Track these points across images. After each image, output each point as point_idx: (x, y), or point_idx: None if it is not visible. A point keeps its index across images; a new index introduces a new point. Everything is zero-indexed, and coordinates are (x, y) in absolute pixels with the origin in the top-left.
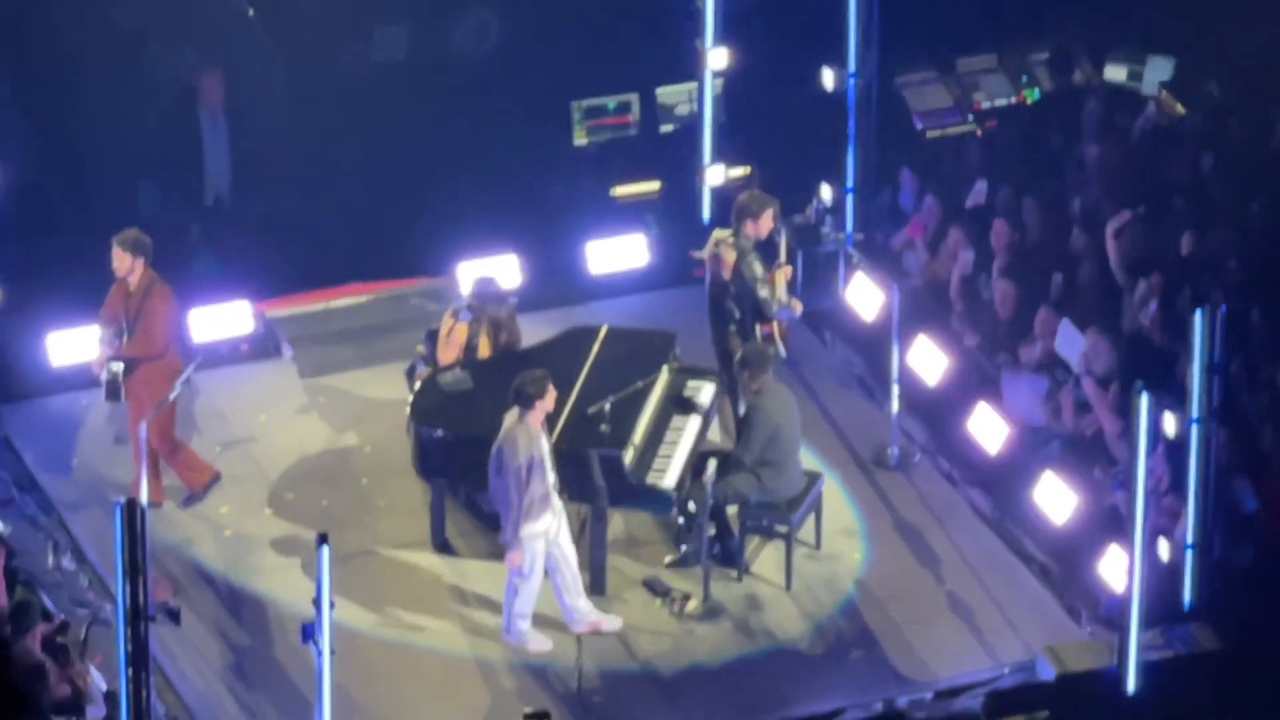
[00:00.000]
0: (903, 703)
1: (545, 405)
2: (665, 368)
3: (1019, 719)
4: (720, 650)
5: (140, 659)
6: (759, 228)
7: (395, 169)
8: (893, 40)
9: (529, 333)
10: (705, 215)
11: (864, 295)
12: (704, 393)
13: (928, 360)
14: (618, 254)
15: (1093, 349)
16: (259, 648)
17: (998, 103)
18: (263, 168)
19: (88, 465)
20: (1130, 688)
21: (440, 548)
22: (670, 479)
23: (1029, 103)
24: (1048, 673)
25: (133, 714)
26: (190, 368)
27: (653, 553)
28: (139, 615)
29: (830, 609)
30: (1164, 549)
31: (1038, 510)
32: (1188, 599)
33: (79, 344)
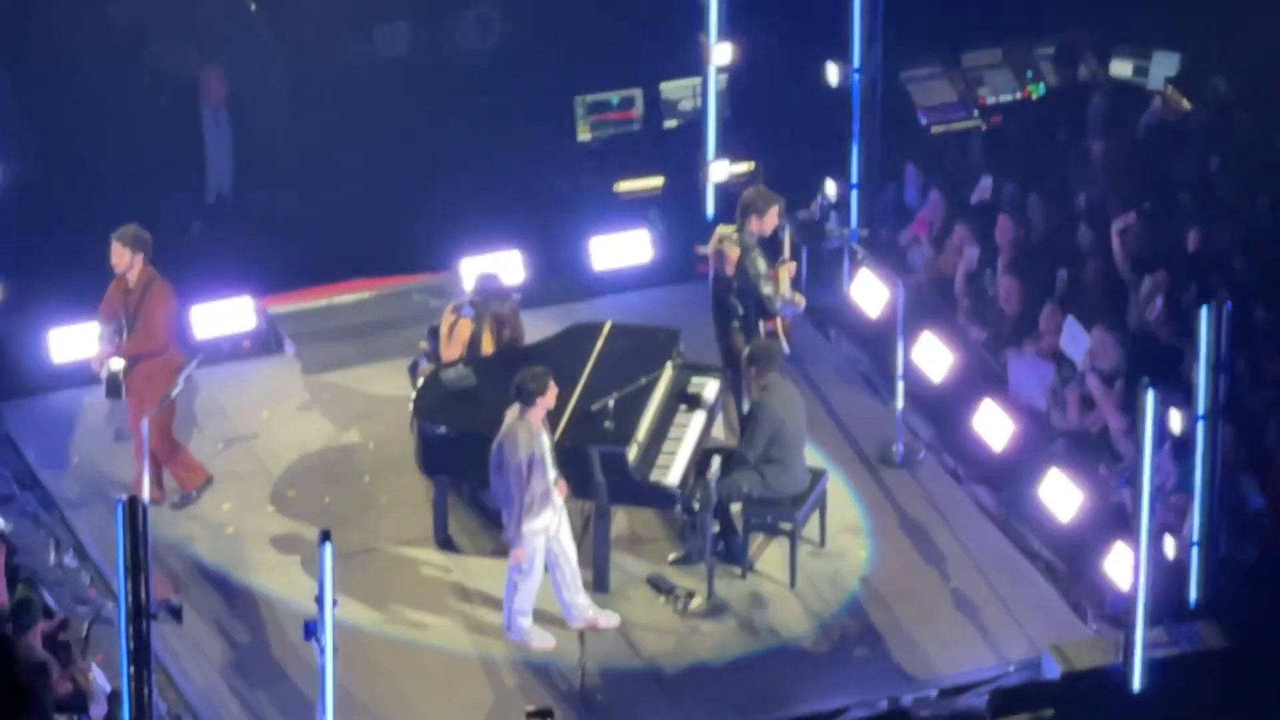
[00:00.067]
0: (907, 701)
1: (546, 402)
2: (669, 364)
3: (1024, 717)
4: (724, 648)
5: (142, 656)
6: (764, 224)
7: (398, 165)
8: (897, 35)
9: (532, 329)
10: (709, 211)
11: (869, 291)
12: (708, 389)
13: (933, 357)
14: (621, 250)
15: (1098, 345)
16: (261, 645)
17: (1003, 98)
18: (265, 164)
19: (89, 462)
20: (1136, 685)
21: (443, 545)
22: (674, 476)
23: (1034, 98)
24: (1053, 670)
25: (134, 712)
26: (192, 364)
27: (656, 550)
28: (141, 612)
29: (834, 607)
30: (1170, 546)
31: (1043, 507)
32: (1193, 596)
33: (80, 340)
